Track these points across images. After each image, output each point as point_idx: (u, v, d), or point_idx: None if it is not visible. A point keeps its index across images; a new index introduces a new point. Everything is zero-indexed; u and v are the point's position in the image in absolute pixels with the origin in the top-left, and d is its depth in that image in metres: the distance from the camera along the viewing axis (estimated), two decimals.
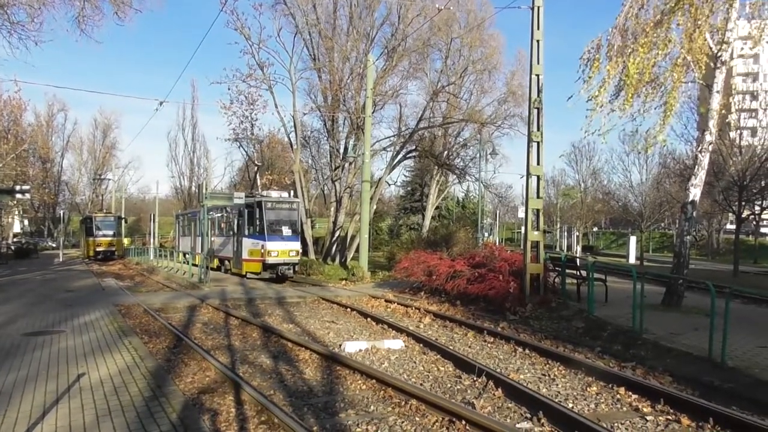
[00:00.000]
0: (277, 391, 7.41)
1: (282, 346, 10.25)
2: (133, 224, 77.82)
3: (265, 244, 22.38)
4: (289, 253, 22.91)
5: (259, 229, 22.78)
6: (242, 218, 23.61)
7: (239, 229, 24.18)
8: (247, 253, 23.11)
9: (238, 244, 23.99)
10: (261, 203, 22.77)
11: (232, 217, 25.33)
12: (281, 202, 23.56)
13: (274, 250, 22.42)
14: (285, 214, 23.41)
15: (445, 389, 7.70)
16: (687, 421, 6.33)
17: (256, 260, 22.72)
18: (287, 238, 22.98)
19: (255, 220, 22.87)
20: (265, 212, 22.71)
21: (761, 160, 26.04)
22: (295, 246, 23.29)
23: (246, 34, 31.41)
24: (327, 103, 34.46)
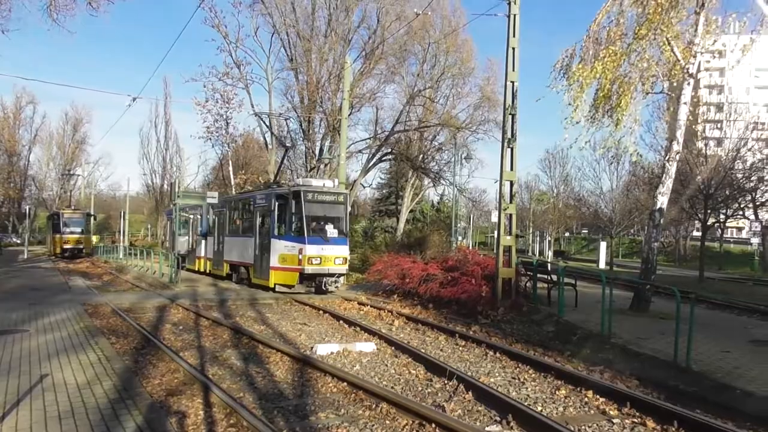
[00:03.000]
0: (247, 394, 7.34)
1: (253, 348, 10.16)
2: (102, 222, 76.28)
3: (304, 247, 16.92)
4: (335, 261, 17.41)
5: (296, 227, 17.43)
6: (270, 213, 18.20)
7: (265, 227, 18.80)
8: (278, 260, 17.60)
9: (263, 247, 18.58)
10: (299, 193, 17.35)
11: (253, 212, 19.81)
12: (325, 193, 18.09)
13: (316, 256, 17.00)
14: (330, 208, 18.18)
15: (416, 392, 7.72)
16: (652, 424, 6.45)
17: (291, 269, 17.29)
18: (333, 240, 17.43)
19: (290, 216, 17.49)
20: (305, 205, 17.28)
21: (726, 169, 26.74)
22: (342, 251, 17.75)
23: (223, 31, 31.19)
24: (303, 103, 34.36)
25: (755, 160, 31.21)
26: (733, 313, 14.70)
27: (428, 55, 35.54)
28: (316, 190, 18.00)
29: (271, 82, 33.28)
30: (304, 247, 16.90)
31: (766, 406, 6.97)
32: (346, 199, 18.68)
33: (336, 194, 18.43)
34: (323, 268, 17.21)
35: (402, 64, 35.29)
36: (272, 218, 18.03)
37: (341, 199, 18.42)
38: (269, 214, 18.27)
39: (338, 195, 18.46)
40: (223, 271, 22.01)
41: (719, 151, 29.96)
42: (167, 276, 21.99)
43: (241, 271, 20.66)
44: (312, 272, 17.16)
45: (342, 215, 18.34)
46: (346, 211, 18.47)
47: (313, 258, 16.93)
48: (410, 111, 35.15)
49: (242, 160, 43.64)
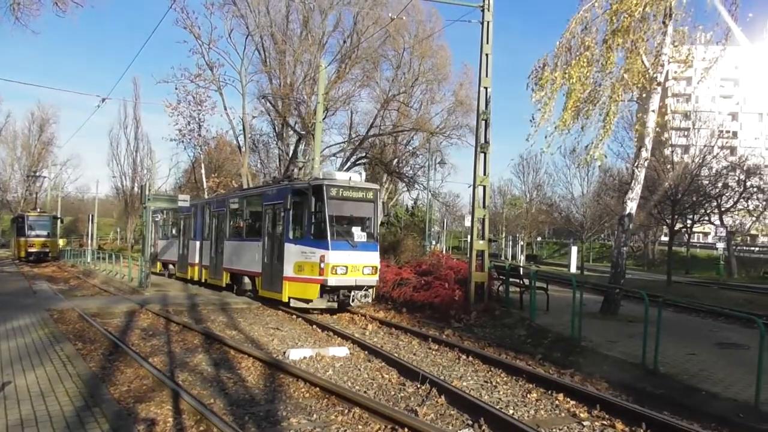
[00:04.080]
0: (217, 400, 7.24)
1: (224, 353, 10.03)
2: (69, 225, 74.55)
3: (326, 254, 14.00)
4: (363, 270, 14.40)
5: (316, 229, 14.59)
6: (284, 213, 15.35)
7: (277, 230, 15.93)
8: (294, 268, 14.70)
9: (275, 253, 15.75)
10: (321, 188, 14.44)
11: (262, 211, 16.89)
12: (352, 189, 15.09)
13: (341, 265, 14.09)
14: (358, 206, 15.17)
15: (389, 397, 7.71)
16: (621, 425, 6.54)
17: (310, 280, 14.36)
18: (362, 245, 14.52)
19: (310, 216, 14.69)
20: (328, 203, 14.33)
21: (692, 176, 27.38)
22: (372, 258, 14.74)
23: (196, 33, 30.85)
24: (277, 107, 34.18)
25: (720, 167, 32.04)
26: (699, 317, 15.04)
27: (403, 60, 35.73)
28: (341, 184, 14.85)
29: (244, 84, 33.03)
30: (326, 254, 13.98)
31: (730, 407, 7.13)
32: (376, 195, 15.48)
33: (365, 190, 15.29)
34: (349, 278, 14.16)
35: (377, 69, 35.39)
36: (286, 218, 15.13)
37: (370, 195, 15.27)
38: (283, 213, 15.36)
39: (367, 191, 15.33)
40: (222, 280, 19.00)
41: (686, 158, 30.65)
42: (137, 280, 21.58)
43: (245, 281, 17.66)
44: (336, 284, 14.09)
45: (371, 215, 15.35)
46: (376, 210, 15.41)
47: (338, 267, 13.99)
48: (385, 115, 35.27)
49: (215, 162, 43.20)
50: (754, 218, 42.70)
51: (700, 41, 13.24)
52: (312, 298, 14.50)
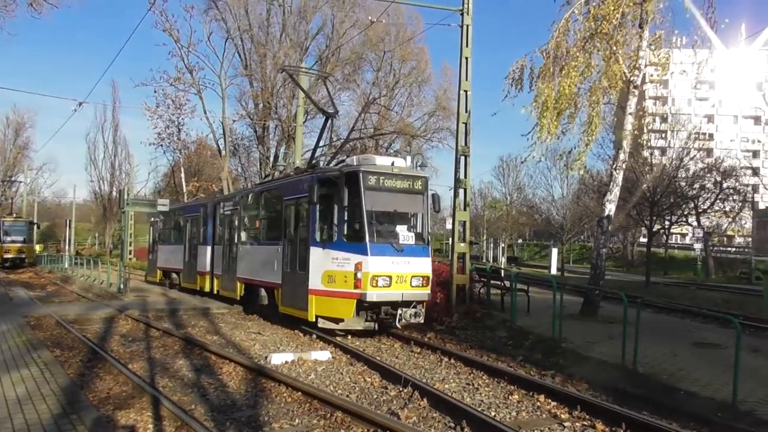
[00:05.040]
0: (198, 406, 7.17)
1: (205, 359, 9.94)
2: (46, 230, 73.31)
3: (364, 260, 11.17)
4: (412, 281, 11.59)
5: (349, 229, 11.80)
6: (309, 209, 12.37)
7: (300, 230, 12.90)
8: (321, 279, 11.79)
9: (298, 259, 12.76)
10: (357, 176, 11.58)
11: (282, 208, 13.90)
12: (397, 177, 12.09)
13: (384, 274, 11.23)
14: (404, 200, 12.32)
15: (371, 400, 7.71)
16: (601, 426, 6.62)
17: (343, 294, 11.46)
18: (409, 249, 11.69)
19: (342, 212, 11.80)
20: (366, 195, 11.49)
21: (670, 178, 27.83)
22: (423, 266, 11.87)
23: (175, 36, 30.61)
24: (258, 110, 34.02)
25: (697, 168, 32.63)
26: (677, 317, 15.25)
27: (384, 63, 35.82)
28: (381, 171, 11.87)
29: (224, 87, 32.85)
30: (364, 260, 11.09)
31: (708, 405, 7.25)
32: (426, 185, 12.48)
33: (412, 178, 12.31)
34: (394, 292, 11.30)
35: (357, 72, 35.48)
36: (312, 216, 12.20)
37: (419, 185, 12.31)
38: (307, 209, 12.41)
39: (415, 180, 12.33)
40: (236, 292, 16.00)
41: (663, 160, 31.15)
42: (116, 286, 21.30)
43: (261, 294, 14.74)
44: (377, 300, 11.23)
45: (421, 210, 12.42)
46: (426, 204, 12.45)
47: (379, 277, 11.12)
48: (366, 119, 35.31)
49: (195, 167, 42.83)
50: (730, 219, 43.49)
51: (676, 45, 13.46)
52: (345, 317, 11.58)
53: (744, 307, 17.56)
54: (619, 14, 12.34)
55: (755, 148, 71.06)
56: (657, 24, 13.33)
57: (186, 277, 20.58)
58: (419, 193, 12.39)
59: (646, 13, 12.74)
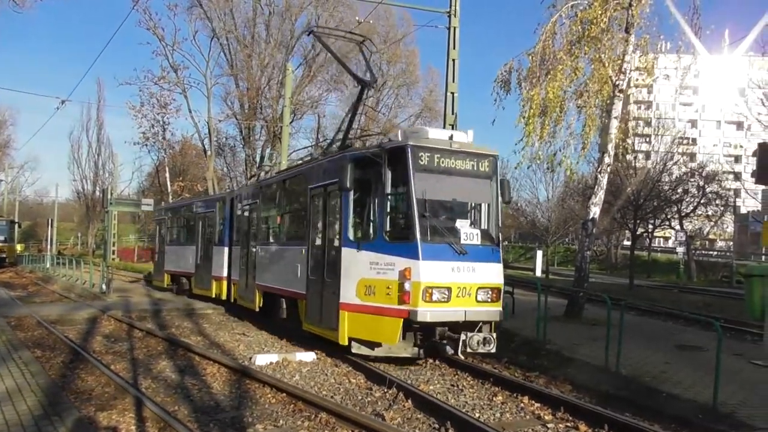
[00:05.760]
0: (182, 407, 7.11)
1: (189, 360, 9.86)
2: (28, 229, 72.26)
3: (414, 266, 8.64)
4: (478, 294, 8.95)
5: (394, 225, 9.46)
6: (339, 199, 9.85)
7: (329, 226, 10.47)
8: (358, 290, 9.29)
9: (326, 264, 10.30)
10: (405, 153, 8.95)
11: (307, 200, 11.27)
12: (458, 155, 9.37)
13: (441, 285, 8.68)
14: (467, 186, 9.70)
15: (356, 401, 7.70)
16: (584, 427, 6.66)
17: (385, 310, 8.93)
18: (475, 252, 8.99)
19: (382, 203, 9.35)
20: (417, 179, 8.89)
21: (654, 182, 28.11)
22: (492, 274, 9.20)
23: (159, 34, 30.45)
24: (244, 110, 33.89)
25: (680, 173, 32.98)
26: (660, 319, 15.40)
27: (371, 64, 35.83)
28: (437, 147, 9.18)
29: (210, 87, 32.72)
30: (414, 266, 8.55)
31: (690, 407, 7.33)
32: (495, 168, 9.67)
33: (478, 157, 9.45)
34: (455, 309, 8.66)
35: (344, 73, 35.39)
36: (344, 208, 9.63)
37: (487, 167, 9.51)
38: (338, 200, 9.82)
39: (481, 159, 9.47)
40: (255, 302, 13.54)
41: (648, 163, 31.47)
42: (98, 286, 21.07)
43: (282, 306, 12.27)
44: (432, 319, 8.61)
45: (489, 199, 9.73)
46: (495, 191, 9.63)
47: (435, 288, 8.54)
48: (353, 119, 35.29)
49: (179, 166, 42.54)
50: (712, 223, 44.06)
51: (662, 50, 13.64)
52: (388, 342, 9.02)
53: (725, 310, 17.77)
54: (606, 18, 12.46)
55: (737, 153, 72.15)
56: (643, 29, 13.51)
57: (198, 283, 18.14)
58: (487, 177, 9.50)
59: (632, 17, 12.89)
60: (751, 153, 30.38)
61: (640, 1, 12.62)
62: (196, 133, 34.60)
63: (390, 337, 8.89)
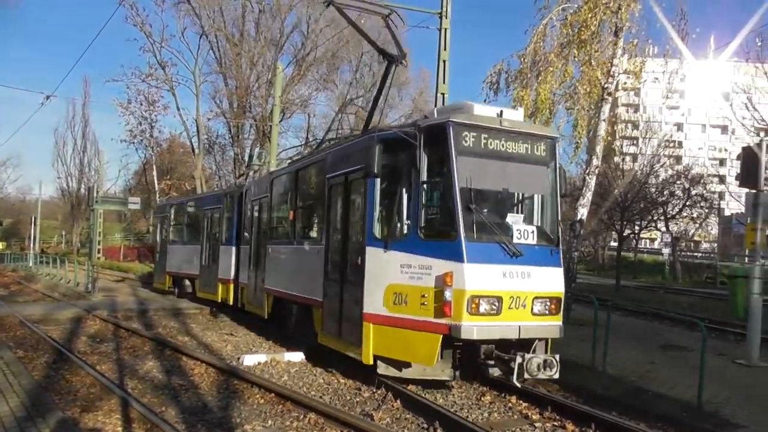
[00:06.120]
0: (169, 408, 7.05)
1: (176, 360, 9.79)
2: (9, 227, 71.49)
3: (456, 269, 7.09)
4: (534, 306, 7.47)
5: (431, 219, 8.11)
6: (363, 188, 8.47)
7: (351, 223, 9.00)
8: (386, 299, 7.79)
9: (346, 267, 8.91)
10: (446, 131, 7.42)
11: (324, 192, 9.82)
12: (509, 135, 7.81)
13: (490, 294, 7.15)
14: (519, 173, 8.07)
15: (345, 401, 7.68)
16: (571, 426, 6.70)
17: (420, 323, 7.41)
18: (530, 254, 7.49)
19: (416, 192, 7.71)
20: (459, 163, 7.37)
21: (641, 184, 28.35)
22: (552, 282, 7.71)
23: (147, 31, 30.27)
24: (233, 108, 33.73)
25: (667, 175, 33.31)
26: (646, 320, 15.55)
27: (361, 64, 35.80)
28: (485, 125, 7.74)
29: (198, 85, 32.58)
30: (457, 270, 7.12)
31: (675, 406, 7.40)
32: (554, 152, 8.25)
33: (533, 139, 8.01)
34: (507, 324, 7.30)
35: (335, 72, 35.43)
36: (369, 199, 8.21)
37: (543, 151, 8.05)
38: (363, 191, 8.44)
39: (537, 142, 8.02)
40: (264, 308, 12.31)
41: (635, 166, 31.75)
42: (83, 285, 20.86)
43: (296, 313, 11.07)
44: (479, 336, 7.20)
45: (546, 190, 8.24)
46: (554, 181, 8.19)
47: (483, 297, 7.14)
48: (342, 119, 35.26)
49: (167, 165, 42.26)
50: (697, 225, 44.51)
51: (650, 54, 13.77)
52: (423, 362, 7.56)
53: (709, 310, 17.98)
54: (596, 22, 12.57)
55: (722, 157, 72.90)
56: (632, 33, 13.64)
57: (203, 286, 16.95)
58: (544, 164, 8.05)
59: (621, 21, 13.01)
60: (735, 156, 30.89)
61: (629, 5, 12.74)
62: (185, 131, 34.47)
63: (425, 356, 7.40)
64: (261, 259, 12.87)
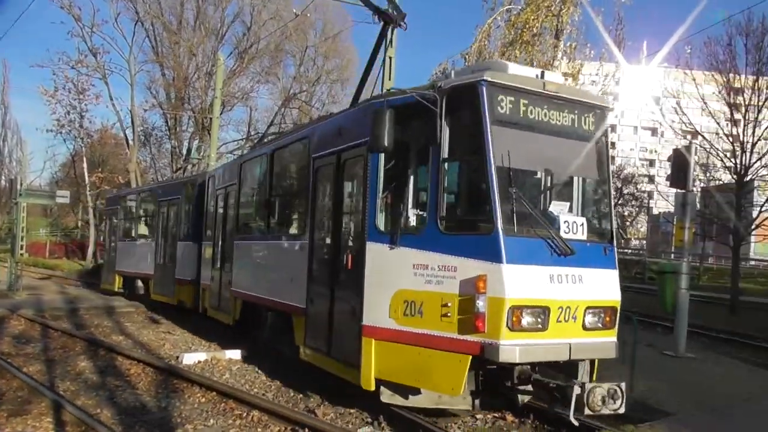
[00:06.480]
0: (105, 409, 6.77)
1: (111, 360, 9.42)
2: None
3: (493, 272, 5.49)
4: (585, 317, 5.96)
5: (455, 207, 6.53)
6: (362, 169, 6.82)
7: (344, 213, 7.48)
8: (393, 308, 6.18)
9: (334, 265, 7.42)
10: (477, 92, 5.75)
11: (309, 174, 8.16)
12: (553, 102, 6.18)
13: (537, 304, 5.62)
14: (564, 150, 6.36)
15: (289, 398, 7.61)
16: (511, 417, 6.86)
17: (441, 340, 5.76)
18: (582, 253, 5.92)
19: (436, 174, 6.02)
20: (494, 135, 5.73)
21: None
22: (606, 287, 6.29)
23: (75, 14, 28.74)
24: (170, 99, 32.67)
25: None
26: None
27: (306, 58, 35.42)
28: (525, 87, 6.10)
29: (133, 74, 31.28)
30: (493, 272, 5.55)
31: None
32: (606, 124, 6.79)
33: (582, 109, 6.51)
34: (556, 342, 5.83)
35: (278, 65, 34.90)
36: (371, 183, 6.68)
37: (593, 124, 6.56)
38: (359, 172, 7.04)
39: (586, 113, 6.52)
40: (231, 314, 10.83)
41: None
42: (6, 283, 19.72)
43: (271, 322, 9.59)
44: (524, 359, 5.76)
45: (597, 172, 6.90)
46: (606, 162, 6.89)
47: (527, 308, 5.62)
48: (285, 113, 34.75)
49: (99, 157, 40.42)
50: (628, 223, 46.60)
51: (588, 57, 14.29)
52: (446, 391, 5.92)
53: (638, 304, 18.82)
54: (539, 24, 12.94)
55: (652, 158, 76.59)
56: (572, 36, 14.10)
57: (158, 287, 15.34)
58: (594, 140, 6.56)
59: (561, 24, 13.44)
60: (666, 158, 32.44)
61: (569, 9, 13.17)
62: (118, 122, 32.98)
63: (448, 383, 5.71)
64: (227, 257, 11.33)
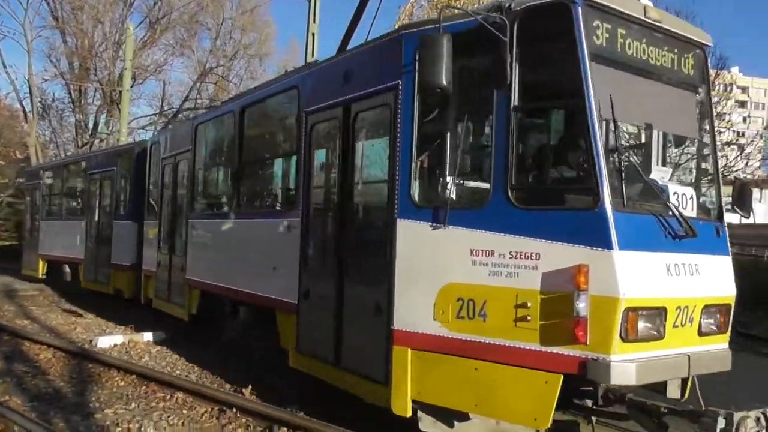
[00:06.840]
0: (14, 396, 6.39)
1: (17, 346, 8.88)
2: None
3: (601, 261, 3.82)
4: (702, 319, 4.37)
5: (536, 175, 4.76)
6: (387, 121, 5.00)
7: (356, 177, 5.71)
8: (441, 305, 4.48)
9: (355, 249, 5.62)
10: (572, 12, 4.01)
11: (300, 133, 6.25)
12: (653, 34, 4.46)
13: (654, 305, 4.02)
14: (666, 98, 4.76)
15: (213, 379, 7.50)
16: None
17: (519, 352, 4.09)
18: (701, 238, 4.26)
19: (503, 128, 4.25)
20: (595, 72, 4.01)
21: None
22: (723, 279, 4.56)
23: None
24: (73, 69, 30.61)
25: None
26: None
27: (223, 31, 34.11)
28: (628, 12, 4.32)
29: (30, 40, 28.87)
30: (601, 261, 3.85)
31: None
32: (707, 67, 5.08)
33: (681, 45, 4.73)
34: (672, 352, 4.19)
35: (193, 38, 33.45)
36: (404, 140, 4.76)
37: (692, 67, 4.83)
38: (380, 128, 5.47)
39: (687, 51, 4.77)
40: (186, 306, 9.07)
41: None
42: None
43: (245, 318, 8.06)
44: (642, 379, 4.01)
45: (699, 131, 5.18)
46: (711, 111, 5.18)
47: (644, 311, 3.96)
48: (201, 88, 33.47)
49: None
50: None
51: None
52: (526, 422, 4.25)
53: None
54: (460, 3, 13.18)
55: None
56: None
57: (90, 273, 13.44)
58: (695, 87, 5.09)
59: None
60: None
61: None
62: (13, 92, 30.50)
63: (531, 412, 4.12)
64: (179, 238, 9.54)
